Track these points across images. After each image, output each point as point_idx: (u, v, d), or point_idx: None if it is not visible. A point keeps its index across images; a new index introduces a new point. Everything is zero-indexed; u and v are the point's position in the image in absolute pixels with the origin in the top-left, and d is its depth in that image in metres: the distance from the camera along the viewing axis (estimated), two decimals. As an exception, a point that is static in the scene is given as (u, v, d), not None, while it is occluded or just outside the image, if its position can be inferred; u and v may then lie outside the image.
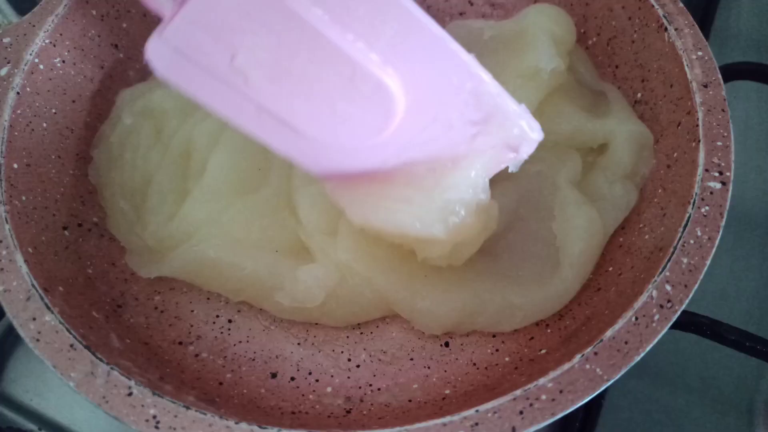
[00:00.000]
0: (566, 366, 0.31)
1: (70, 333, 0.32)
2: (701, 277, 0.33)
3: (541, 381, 0.31)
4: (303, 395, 0.39)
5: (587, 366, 0.31)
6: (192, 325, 0.41)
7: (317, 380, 0.39)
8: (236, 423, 0.30)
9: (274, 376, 0.40)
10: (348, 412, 0.38)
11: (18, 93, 0.40)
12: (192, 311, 0.42)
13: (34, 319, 0.33)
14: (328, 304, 0.40)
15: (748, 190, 0.52)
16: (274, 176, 0.44)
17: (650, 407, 0.47)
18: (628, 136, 0.43)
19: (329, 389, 0.39)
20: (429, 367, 0.40)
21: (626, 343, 0.32)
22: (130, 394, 0.31)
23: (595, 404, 0.46)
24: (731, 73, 0.51)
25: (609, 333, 0.32)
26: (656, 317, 0.32)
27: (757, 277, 0.49)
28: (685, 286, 0.33)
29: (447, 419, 0.30)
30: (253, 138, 0.34)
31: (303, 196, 0.42)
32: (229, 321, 0.42)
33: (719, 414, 0.46)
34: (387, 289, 0.40)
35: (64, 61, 0.44)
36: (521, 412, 0.30)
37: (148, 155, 0.46)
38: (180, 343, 0.41)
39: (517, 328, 0.40)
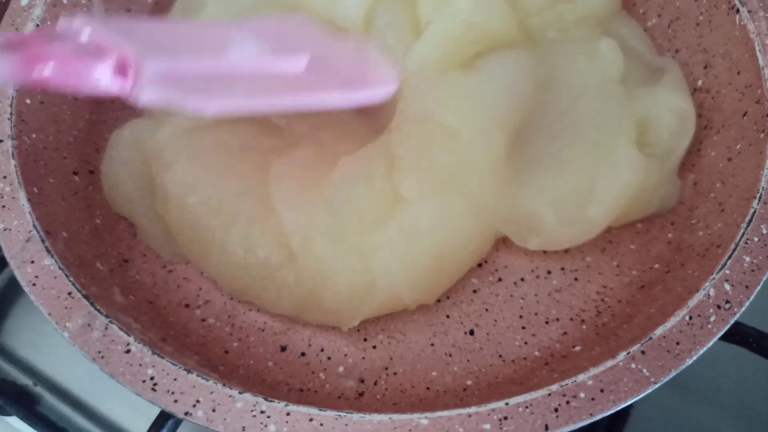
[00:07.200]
0: (609, 363, 0.28)
1: (69, 280, 0.30)
2: (765, 278, 0.30)
3: (581, 377, 0.27)
4: (313, 372, 0.36)
5: (633, 365, 0.28)
6: (201, 288, 0.39)
7: (329, 358, 0.37)
8: (240, 393, 0.27)
9: (283, 349, 0.37)
10: (360, 394, 0.35)
11: (38, 25, 0.38)
12: (202, 273, 0.39)
13: (33, 261, 0.30)
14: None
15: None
16: None
17: (679, 422, 0.43)
18: (671, 106, 0.39)
19: (341, 369, 0.36)
20: (451, 355, 0.37)
21: (678, 343, 0.28)
22: (127, 351, 0.28)
23: (621, 413, 0.43)
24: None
25: (659, 331, 0.29)
26: (713, 318, 0.29)
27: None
28: (747, 286, 0.30)
29: (473, 410, 0.27)
30: None
31: None
32: (241, 287, 0.39)
33: (752, 436, 0.42)
34: None
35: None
36: (556, 410, 0.27)
37: None
38: (187, 305, 0.38)
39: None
